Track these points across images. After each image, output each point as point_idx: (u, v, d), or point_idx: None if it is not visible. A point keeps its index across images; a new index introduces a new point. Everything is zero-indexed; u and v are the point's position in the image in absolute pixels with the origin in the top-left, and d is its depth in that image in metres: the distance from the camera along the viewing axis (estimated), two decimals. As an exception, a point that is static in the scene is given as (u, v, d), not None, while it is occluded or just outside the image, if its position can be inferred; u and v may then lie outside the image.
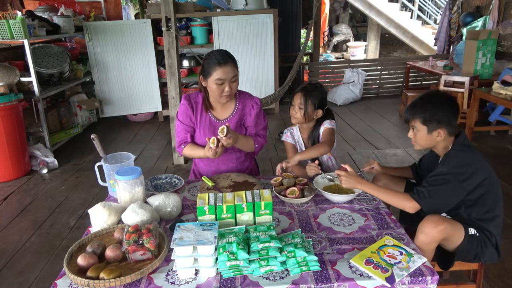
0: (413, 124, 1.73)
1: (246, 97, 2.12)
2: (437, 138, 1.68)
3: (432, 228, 1.56)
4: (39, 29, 4.16)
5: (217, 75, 1.88)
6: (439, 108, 1.66)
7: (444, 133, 1.66)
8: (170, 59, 3.79)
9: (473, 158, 1.64)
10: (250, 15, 5.39)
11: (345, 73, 6.54)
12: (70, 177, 3.82)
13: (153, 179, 2.01)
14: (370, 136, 4.78)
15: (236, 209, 1.49)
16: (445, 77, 4.67)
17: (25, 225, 2.97)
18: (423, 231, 1.57)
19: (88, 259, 1.31)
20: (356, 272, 1.28)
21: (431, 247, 1.60)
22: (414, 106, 1.73)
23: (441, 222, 1.56)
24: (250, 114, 2.09)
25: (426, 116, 1.67)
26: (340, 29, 11.99)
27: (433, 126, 1.66)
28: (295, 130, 2.28)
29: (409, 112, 1.73)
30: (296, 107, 2.13)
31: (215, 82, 1.89)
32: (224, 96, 1.94)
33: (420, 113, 1.69)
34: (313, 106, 2.10)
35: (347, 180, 1.71)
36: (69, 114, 4.98)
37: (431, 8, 11.19)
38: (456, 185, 1.59)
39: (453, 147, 1.68)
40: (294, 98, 2.14)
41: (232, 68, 1.90)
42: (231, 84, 1.92)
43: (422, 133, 1.70)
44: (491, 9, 5.38)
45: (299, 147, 2.27)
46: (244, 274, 1.27)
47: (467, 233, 1.62)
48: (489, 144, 4.29)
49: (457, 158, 1.64)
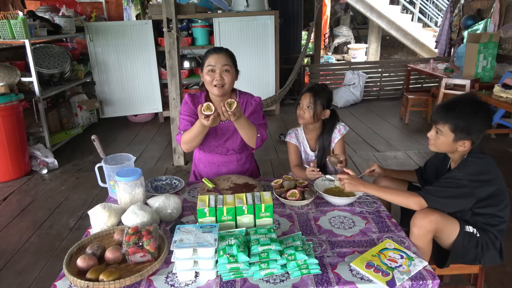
0: (440, 128, 1.63)
1: (247, 96, 2.13)
2: (460, 147, 1.61)
3: (422, 218, 1.55)
4: (40, 29, 4.17)
5: (208, 62, 1.91)
6: (473, 119, 1.56)
7: (469, 144, 1.60)
8: (171, 60, 3.80)
9: (490, 167, 1.61)
10: (251, 16, 5.40)
11: (346, 75, 6.54)
12: (70, 178, 3.82)
13: (153, 180, 2.01)
14: (371, 138, 4.77)
15: (236, 211, 1.49)
16: (446, 80, 4.67)
17: (24, 226, 2.97)
18: (415, 224, 1.56)
19: (87, 260, 1.30)
20: (356, 275, 1.27)
21: (426, 240, 1.58)
22: (447, 110, 1.61)
23: (431, 213, 1.56)
24: (249, 110, 2.08)
25: (459, 124, 1.57)
26: (341, 31, 12.00)
27: (461, 136, 1.59)
28: (300, 131, 2.27)
29: (441, 116, 1.62)
30: (304, 107, 2.11)
31: (207, 70, 1.91)
32: (215, 86, 1.92)
33: (452, 120, 1.58)
34: (321, 106, 2.10)
35: (350, 183, 1.69)
36: (69, 114, 4.98)
37: (432, 11, 11.19)
38: (468, 191, 1.56)
39: (471, 154, 1.64)
40: (301, 98, 2.13)
41: (224, 57, 1.92)
42: (223, 74, 1.91)
43: (447, 139, 1.62)
44: (492, 12, 5.38)
45: (303, 148, 2.26)
46: (244, 277, 1.27)
47: (463, 229, 1.61)
48: (490, 147, 4.29)
49: (475, 166, 1.60)
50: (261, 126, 2.04)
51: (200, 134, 1.88)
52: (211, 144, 2.10)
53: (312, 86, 2.16)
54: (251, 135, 1.92)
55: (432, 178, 1.92)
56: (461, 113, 1.58)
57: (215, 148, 2.12)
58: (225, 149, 2.13)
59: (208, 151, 2.15)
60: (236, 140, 2.09)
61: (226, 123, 2.06)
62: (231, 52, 1.99)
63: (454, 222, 1.61)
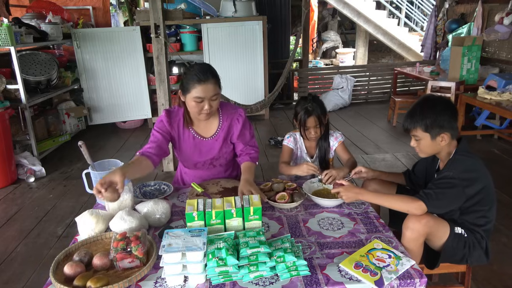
0: (415, 134, 1.68)
1: (230, 111, 1.99)
2: (441, 143, 1.65)
3: (416, 222, 1.56)
4: (26, 36, 4.12)
5: (196, 92, 1.75)
6: (438, 113, 1.63)
7: (448, 137, 1.64)
8: (159, 66, 3.79)
9: (477, 165, 1.65)
10: (239, 22, 5.42)
11: (334, 79, 6.60)
12: (58, 186, 3.77)
13: (141, 186, 2.00)
14: (359, 141, 4.82)
15: (225, 215, 1.49)
16: (432, 83, 4.75)
17: (11, 235, 2.92)
18: (408, 227, 1.57)
19: (75, 267, 1.28)
20: (345, 276, 1.28)
21: (419, 243, 1.59)
22: (412, 115, 1.67)
23: (424, 216, 1.57)
24: (236, 129, 1.98)
25: (427, 122, 1.62)
26: (329, 36, 12.11)
27: (435, 131, 1.63)
28: (299, 137, 2.28)
29: (409, 122, 1.68)
30: (312, 129, 2.11)
31: (194, 100, 1.77)
32: (203, 114, 1.81)
33: (420, 121, 1.64)
34: (323, 116, 2.13)
35: (346, 195, 1.69)
36: (57, 121, 4.93)
37: (418, 15, 11.39)
38: (460, 190, 1.59)
39: (458, 152, 1.67)
40: (306, 122, 2.09)
41: (213, 86, 1.77)
42: (211, 102, 1.79)
43: (426, 140, 1.66)
44: (475, 16, 5.50)
45: (299, 153, 2.28)
46: (234, 280, 1.27)
47: (453, 231, 1.63)
48: (476, 148, 4.36)
49: (463, 164, 1.63)
50: (251, 141, 2.04)
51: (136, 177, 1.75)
52: (197, 162, 2.03)
53: (307, 107, 2.09)
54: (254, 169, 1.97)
55: (421, 180, 1.95)
56: (423, 112, 1.65)
57: (202, 166, 2.05)
58: (212, 165, 2.06)
59: (193, 168, 2.09)
60: (223, 157, 2.04)
61: (209, 140, 1.98)
62: (215, 73, 1.82)
63: (445, 224, 1.63)
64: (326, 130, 2.21)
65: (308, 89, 6.77)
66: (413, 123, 1.66)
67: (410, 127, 1.68)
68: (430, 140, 1.66)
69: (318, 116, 2.09)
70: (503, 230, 2.67)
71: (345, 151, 2.24)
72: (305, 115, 2.08)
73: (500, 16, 4.94)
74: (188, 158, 2.02)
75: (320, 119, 2.10)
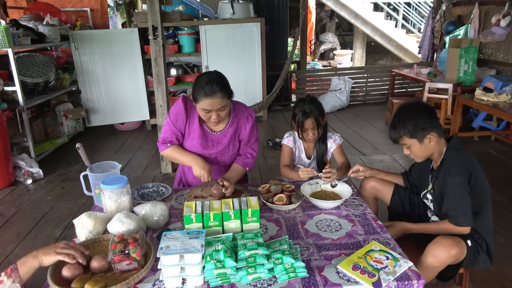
0: (403, 142, 1.74)
1: (241, 108, 2.05)
2: (430, 144, 1.70)
3: (445, 252, 1.55)
4: (23, 38, 4.12)
5: (203, 105, 1.79)
6: (416, 117, 1.68)
7: (434, 136, 1.69)
8: (157, 67, 3.79)
9: (469, 159, 1.69)
10: (237, 24, 5.43)
11: (332, 81, 6.61)
12: (55, 188, 3.76)
13: (139, 188, 1.99)
14: (357, 142, 4.83)
15: (223, 217, 1.49)
16: (429, 84, 4.76)
17: (8, 237, 2.91)
18: (434, 255, 1.56)
19: (72, 270, 1.28)
20: (343, 277, 1.28)
21: (438, 270, 1.60)
22: (394, 126, 1.74)
23: (455, 246, 1.56)
24: (245, 128, 2.03)
25: (410, 129, 1.68)
26: (326, 38, 12.14)
27: (421, 135, 1.68)
28: (298, 136, 2.29)
29: (393, 133, 1.75)
30: (310, 131, 2.11)
31: (202, 110, 1.83)
32: (211, 122, 1.89)
33: (403, 130, 1.70)
34: (321, 118, 2.13)
35: (393, 230, 1.78)
36: (54, 123, 4.92)
37: (415, 17, 11.43)
38: (464, 181, 1.64)
39: (449, 150, 1.72)
40: (304, 124, 2.09)
41: (219, 100, 1.78)
42: (219, 113, 1.84)
43: (415, 146, 1.71)
44: (472, 18, 5.52)
45: (298, 152, 2.29)
46: (232, 282, 1.27)
47: (467, 246, 1.64)
48: (473, 149, 4.37)
49: (456, 159, 1.68)
50: (253, 144, 2.09)
51: (186, 164, 2.02)
52: (202, 155, 2.05)
53: (304, 109, 2.09)
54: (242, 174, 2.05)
55: (417, 181, 1.97)
56: (402, 120, 1.71)
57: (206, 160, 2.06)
58: (216, 161, 2.10)
59: None
60: (227, 154, 2.08)
61: (218, 135, 2.03)
62: (224, 86, 1.81)
63: (464, 247, 1.63)
64: (324, 131, 2.22)
65: (306, 91, 6.79)
66: (397, 133, 1.73)
67: (397, 138, 1.74)
68: (419, 144, 1.71)
69: (316, 117, 2.09)
70: (501, 232, 2.68)
71: (342, 154, 2.25)
72: (303, 116, 2.08)
73: (496, 18, 4.97)
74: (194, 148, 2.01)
75: (318, 121, 2.10)
